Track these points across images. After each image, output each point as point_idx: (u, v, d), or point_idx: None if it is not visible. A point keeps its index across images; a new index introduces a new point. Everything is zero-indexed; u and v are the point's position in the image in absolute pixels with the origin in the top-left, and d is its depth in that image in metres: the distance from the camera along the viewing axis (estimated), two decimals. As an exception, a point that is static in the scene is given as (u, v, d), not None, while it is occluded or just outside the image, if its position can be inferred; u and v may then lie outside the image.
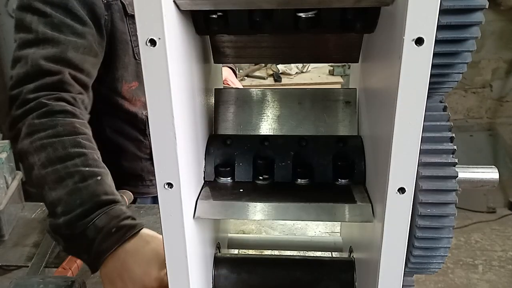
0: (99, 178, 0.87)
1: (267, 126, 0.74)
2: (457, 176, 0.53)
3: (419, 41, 0.43)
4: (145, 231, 0.85)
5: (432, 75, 0.45)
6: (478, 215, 3.15)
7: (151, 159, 1.30)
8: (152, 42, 0.46)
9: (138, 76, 1.21)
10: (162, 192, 0.52)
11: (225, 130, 0.74)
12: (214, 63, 0.73)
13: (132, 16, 1.14)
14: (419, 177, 0.52)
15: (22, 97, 0.95)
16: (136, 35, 1.15)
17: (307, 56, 0.73)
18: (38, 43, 0.98)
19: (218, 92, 0.75)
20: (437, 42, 0.45)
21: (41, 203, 1.32)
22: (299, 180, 0.65)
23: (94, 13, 1.06)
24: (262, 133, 0.73)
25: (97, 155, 0.92)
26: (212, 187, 0.64)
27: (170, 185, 0.52)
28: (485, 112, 3.62)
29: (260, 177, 0.65)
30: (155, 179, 1.30)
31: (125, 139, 1.28)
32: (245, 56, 0.72)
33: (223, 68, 1.38)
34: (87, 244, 0.83)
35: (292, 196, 0.61)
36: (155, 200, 1.37)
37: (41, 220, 1.25)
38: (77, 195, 0.84)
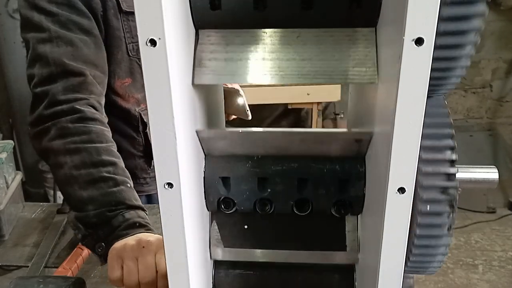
0: (129, 185, 0.96)
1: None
2: (457, 172, 0.53)
3: (419, 41, 0.43)
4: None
5: (433, 70, 0.45)
6: (478, 215, 3.15)
7: (144, 156, 1.31)
8: (152, 42, 0.46)
9: (132, 72, 1.22)
10: (162, 192, 0.52)
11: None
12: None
13: (126, 13, 1.15)
14: (419, 174, 0.52)
15: (50, 97, 1.00)
16: (130, 32, 1.17)
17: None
18: (52, 41, 1.02)
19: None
20: (438, 35, 0.45)
21: (41, 203, 1.33)
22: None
23: (91, 8, 1.08)
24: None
25: (123, 164, 1.00)
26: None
27: (170, 185, 0.52)
28: (485, 112, 3.62)
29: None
30: (149, 178, 1.32)
31: (120, 136, 1.28)
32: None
33: None
34: (110, 230, 0.90)
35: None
36: (149, 198, 1.37)
37: (42, 220, 1.26)
38: (112, 197, 0.92)
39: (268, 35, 0.58)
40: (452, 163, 0.54)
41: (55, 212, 1.25)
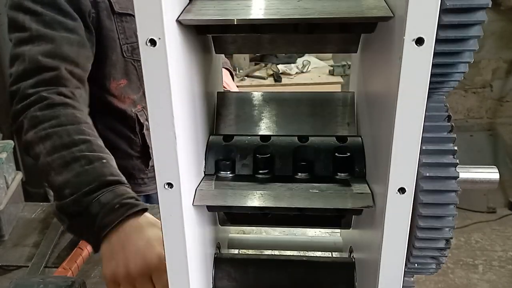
0: (104, 161, 0.91)
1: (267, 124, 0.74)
2: (458, 177, 0.53)
3: (419, 41, 0.43)
4: (149, 215, 0.88)
5: (432, 75, 0.45)
6: (478, 215, 3.15)
7: (141, 157, 1.31)
8: (152, 42, 0.46)
9: (127, 74, 1.22)
10: (162, 192, 0.52)
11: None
12: (216, 53, 0.73)
13: (120, 14, 1.15)
14: (419, 178, 0.52)
15: (21, 92, 0.99)
16: (124, 33, 1.17)
17: (306, 47, 0.74)
18: (33, 40, 1.01)
19: (220, 94, 0.75)
20: (439, 41, 0.45)
21: (41, 203, 1.33)
22: (299, 174, 0.65)
23: (80, 9, 1.08)
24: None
25: (100, 141, 0.96)
26: (212, 178, 0.65)
27: (170, 185, 0.52)
28: (485, 112, 3.61)
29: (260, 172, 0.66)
30: (147, 178, 1.30)
31: (117, 137, 1.29)
32: (244, 46, 0.72)
33: None
34: (91, 220, 0.86)
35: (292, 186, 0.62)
36: (147, 199, 1.37)
37: (42, 220, 1.25)
38: (84, 177, 0.88)
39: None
40: (453, 166, 0.53)
41: (55, 212, 1.24)
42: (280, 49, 0.72)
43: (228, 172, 0.66)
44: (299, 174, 0.65)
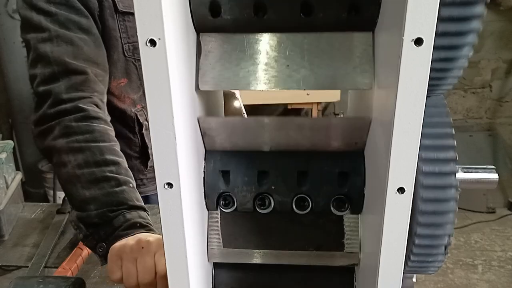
0: (131, 186, 0.96)
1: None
2: (457, 171, 0.53)
3: (418, 42, 0.43)
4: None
5: (432, 70, 0.45)
6: (478, 215, 3.15)
7: (140, 157, 1.31)
8: (152, 43, 0.46)
9: (128, 73, 1.22)
10: (162, 192, 0.52)
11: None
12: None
13: (123, 13, 1.15)
14: (419, 173, 0.52)
15: (54, 96, 1.01)
16: (126, 32, 1.18)
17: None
18: (52, 40, 1.02)
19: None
20: (436, 36, 0.45)
21: (41, 203, 1.33)
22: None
23: (88, 7, 1.09)
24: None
25: (126, 164, 1.01)
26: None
27: (170, 185, 0.52)
28: (485, 112, 3.62)
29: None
30: (146, 179, 1.32)
31: (116, 136, 1.28)
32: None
33: None
34: (111, 231, 0.90)
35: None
36: (145, 199, 1.37)
37: (41, 220, 1.25)
38: (114, 197, 0.92)
39: (268, 41, 0.58)
40: (453, 162, 0.54)
41: (55, 212, 1.25)
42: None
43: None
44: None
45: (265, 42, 0.58)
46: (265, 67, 0.58)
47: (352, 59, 0.57)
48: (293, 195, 0.64)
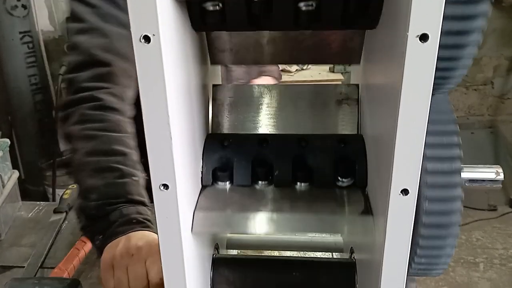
0: (135, 178, 0.95)
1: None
2: (462, 170, 0.51)
3: (423, 38, 0.42)
4: None
5: (436, 69, 0.44)
6: (479, 213, 3.14)
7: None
8: (146, 39, 0.44)
9: None
10: (157, 194, 0.51)
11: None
12: (211, 64, 0.71)
13: None
14: (423, 172, 0.51)
15: (76, 84, 1.04)
16: None
17: (308, 58, 0.72)
18: (89, 31, 1.05)
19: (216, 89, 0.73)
20: (442, 33, 0.43)
21: (38, 202, 1.31)
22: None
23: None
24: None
25: (135, 156, 0.99)
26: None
27: (165, 186, 0.50)
28: (486, 109, 3.60)
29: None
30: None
31: None
32: (244, 56, 0.70)
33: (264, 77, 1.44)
34: (107, 225, 0.90)
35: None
36: None
37: (38, 220, 1.24)
38: (113, 188, 0.92)
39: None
40: (458, 160, 0.52)
41: (52, 212, 1.23)
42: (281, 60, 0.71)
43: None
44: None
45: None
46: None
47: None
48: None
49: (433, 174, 0.51)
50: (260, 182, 0.64)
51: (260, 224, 0.59)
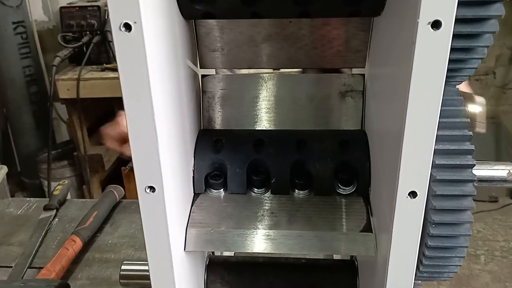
0: None
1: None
2: (475, 180, 0.47)
3: (436, 25, 0.37)
4: None
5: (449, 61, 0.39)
6: (480, 205, 3.10)
7: None
8: (127, 27, 0.39)
9: None
10: (143, 197, 0.46)
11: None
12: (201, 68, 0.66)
13: None
14: (432, 181, 0.46)
15: None
16: None
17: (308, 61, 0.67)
18: None
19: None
20: (456, 21, 0.39)
21: (28, 199, 1.27)
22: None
23: None
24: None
25: None
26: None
27: (152, 188, 0.46)
28: (488, 99, 3.55)
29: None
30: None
31: None
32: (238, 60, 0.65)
33: None
34: None
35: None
36: None
37: (28, 217, 1.20)
38: None
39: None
40: (470, 168, 0.48)
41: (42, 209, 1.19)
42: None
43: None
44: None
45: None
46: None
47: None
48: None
49: (442, 170, 0.47)
50: (256, 189, 0.60)
51: (257, 243, 0.56)
